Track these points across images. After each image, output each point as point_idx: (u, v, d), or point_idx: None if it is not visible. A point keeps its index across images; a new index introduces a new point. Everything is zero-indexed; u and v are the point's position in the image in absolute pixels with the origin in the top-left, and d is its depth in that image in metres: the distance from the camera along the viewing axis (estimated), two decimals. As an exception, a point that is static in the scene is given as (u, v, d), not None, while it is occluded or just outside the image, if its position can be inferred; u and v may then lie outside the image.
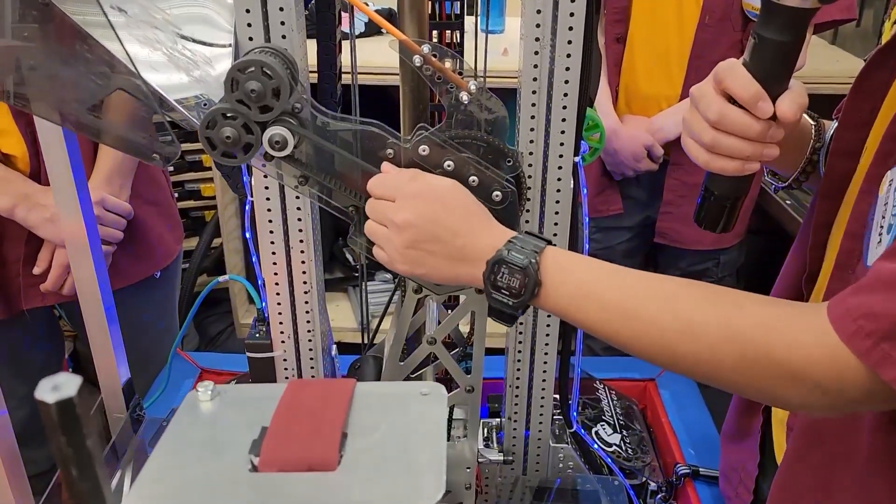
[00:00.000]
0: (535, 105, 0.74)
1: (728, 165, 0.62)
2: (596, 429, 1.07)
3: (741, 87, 0.59)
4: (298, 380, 0.64)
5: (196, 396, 0.45)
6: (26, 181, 1.11)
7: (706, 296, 0.55)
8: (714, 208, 0.68)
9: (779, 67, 0.59)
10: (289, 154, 0.63)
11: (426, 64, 0.65)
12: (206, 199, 2.28)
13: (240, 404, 0.44)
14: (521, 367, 0.88)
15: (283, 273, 0.81)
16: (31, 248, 1.16)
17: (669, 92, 1.53)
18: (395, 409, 0.44)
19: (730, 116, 0.60)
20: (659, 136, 1.52)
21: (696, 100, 0.63)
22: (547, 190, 0.78)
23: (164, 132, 0.62)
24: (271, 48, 0.64)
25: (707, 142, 0.61)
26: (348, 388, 0.45)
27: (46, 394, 0.25)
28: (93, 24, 0.66)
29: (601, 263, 0.60)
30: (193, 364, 1.22)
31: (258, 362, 0.85)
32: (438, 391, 0.46)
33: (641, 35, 1.51)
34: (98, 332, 0.84)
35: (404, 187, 0.62)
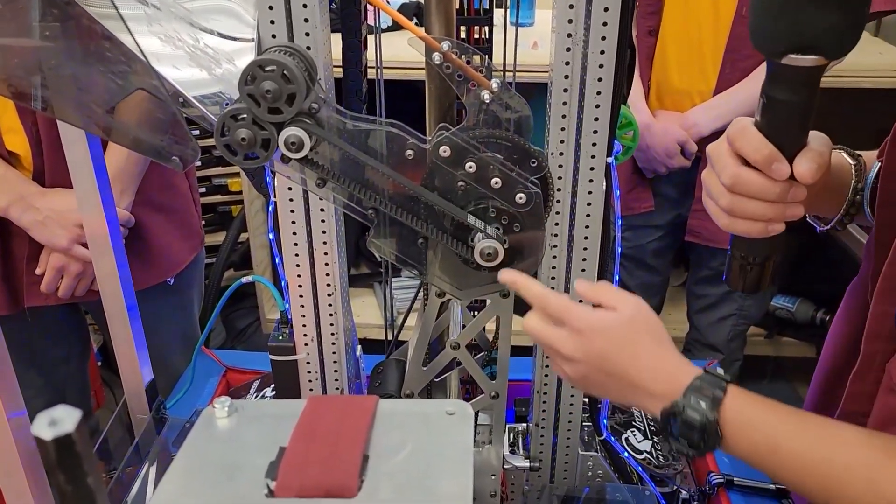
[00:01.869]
0: (566, 104, 0.71)
1: (751, 229, 0.59)
2: (626, 435, 1.04)
3: (753, 150, 0.56)
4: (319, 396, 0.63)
5: (213, 413, 0.43)
6: (25, 182, 1.11)
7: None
8: (741, 270, 0.64)
9: (793, 128, 0.55)
10: (305, 156, 0.61)
11: (446, 61, 0.62)
12: (233, 194, 2.29)
13: (257, 421, 0.42)
14: (550, 372, 0.86)
15: (307, 275, 0.79)
16: (35, 247, 1.16)
17: (703, 87, 1.49)
18: (419, 429, 0.41)
19: (745, 179, 0.57)
20: (693, 131, 1.48)
21: (712, 160, 0.60)
22: (578, 192, 0.75)
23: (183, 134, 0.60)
24: (291, 48, 0.62)
25: (725, 206, 0.59)
26: (370, 405, 0.43)
27: (43, 429, 0.23)
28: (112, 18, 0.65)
29: (787, 412, 0.57)
30: (218, 362, 1.22)
31: (281, 365, 0.84)
32: (465, 410, 0.44)
33: (675, 28, 1.47)
34: (121, 333, 0.83)
35: (570, 318, 0.60)
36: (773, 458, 0.55)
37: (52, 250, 1.14)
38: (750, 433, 0.56)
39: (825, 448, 0.54)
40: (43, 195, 1.10)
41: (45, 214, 1.09)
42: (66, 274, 1.16)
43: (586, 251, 0.78)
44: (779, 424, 0.56)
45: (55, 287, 1.17)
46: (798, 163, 0.56)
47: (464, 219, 0.64)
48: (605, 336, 0.59)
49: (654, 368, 0.59)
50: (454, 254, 0.67)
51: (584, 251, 0.78)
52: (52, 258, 1.15)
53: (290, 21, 0.68)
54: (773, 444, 0.55)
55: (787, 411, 0.57)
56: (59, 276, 1.16)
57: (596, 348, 0.59)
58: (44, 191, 1.11)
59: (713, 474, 0.99)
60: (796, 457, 0.54)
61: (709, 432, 0.55)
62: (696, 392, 0.56)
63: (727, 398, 0.56)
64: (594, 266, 0.79)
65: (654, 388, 0.58)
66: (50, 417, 0.23)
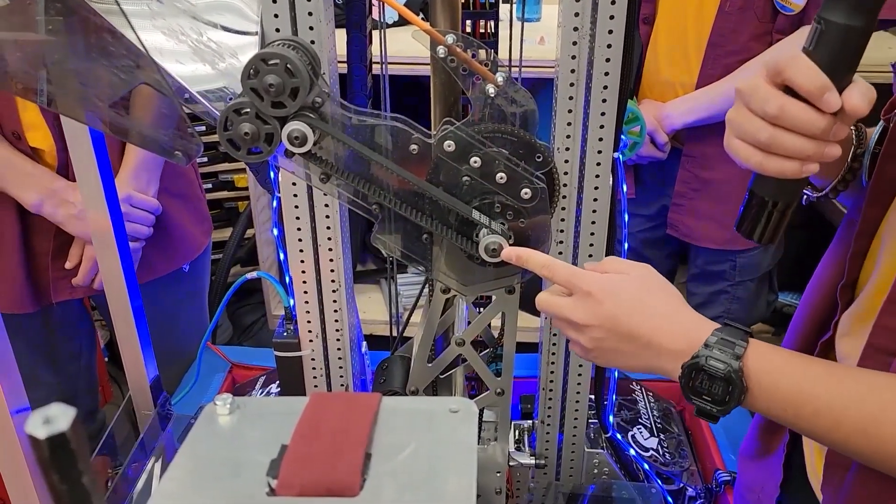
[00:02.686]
0: (572, 98, 0.70)
1: (786, 167, 0.56)
2: (632, 432, 1.03)
3: (806, 78, 0.53)
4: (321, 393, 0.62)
5: (214, 410, 0.43)
6: (54, 177, 1.11)
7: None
8: (761, 215, 0.61)
9: (848, 56, 0.53)
10: (309, 150, 0.60)
11: (451, 55, 0.62)
12: (239, 190, 2.28)
13: (259, 419, 0.42)
14: (556, 368, 0.85)
15: (311, 271, 0.79)
16: (59, 242, 1.16)
17: (686, 79, 1.46)
18: (422, 427, 0.41)
19: (791, 110, 0.54)
20: (665, 123, 1.46)
21: (746, 95, 0.57)
22: (584, 187, 0.74)
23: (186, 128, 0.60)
24: (295, 41, 0.62)
25: (764, 140, 0.55)
26: (373, 403, 0.43)
27: (37, 428, 0.23)
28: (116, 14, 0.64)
29: (812, 360, 0.56)
30: (224, 358, 1.22)
31: (286, 361, 0.84)
32: (468, 408, 0.43)
33: (666, 18, 1.45)
34: (125, 329, 0.83)
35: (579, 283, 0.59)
36: (801, 406, 0.54)
37: (87, 242, 1.15)
38: (776, 380, 0.54)
39: (856, 390, 0.53)
40: (74, 189, 1.10)
41: (79, 208, 1.09)
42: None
43: (592, 247, 0.77)
44: (805, 370, 0.54)
45: (91, 278, 1.18)
46: (850, 94, 0.53)
47: (469, 214, 0.63)
48: (615, 297, 0.58)
49: (670, 326, 0.57)
50: (459, 249, 0.66)
51: (590, 247, 0.77)
52: (88, 250, 1.15)
53: (293, 14, 0.68)
54: (801, 391, 0.53)
55: (812, 359, 0.56)
56: (95, 267, 1.16)
57: (607, 310, 0.58)
58: (73, 184, 1.11)
59: (720, 472, 0.99)
60: (826, 402, 0.53)
61: (734, 383, 0.53)
62: (718, 345, 0.55)
63: (749, 348, 0.55)
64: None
65: (672, 346, 0.57)
66: (44, 416, 0.23)
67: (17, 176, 1.09)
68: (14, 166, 1.09)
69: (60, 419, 0.22)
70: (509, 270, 0.69)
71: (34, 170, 1.10)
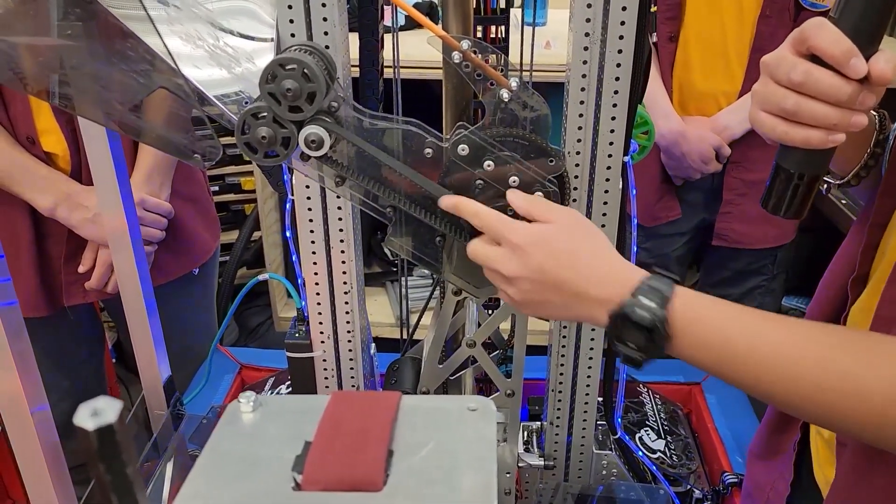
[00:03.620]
0: (583, 102, 0.71)
1: (812, 135, 0.56)
2: (640, 434, 1.04)
3: (831, 44, 0.53)
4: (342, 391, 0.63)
5: (238, 407, 0.44)
6: (68, 181, 1.12)
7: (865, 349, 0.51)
8: (787, 189, 0.61)
9: (874, 22, 0.53)
10: (325, 154, 0.61)
11: (465, 60, 0.63)
12: (246, 193, 2.30)
13: (282, 416, 0.43)
14: (565, 370, 0.86)
15: (324, 273, 0.80)
16: (72, 246, 1.17)
17: (729, 88, 1.47)
18: (442, 425, 0.42)
19: (817, 76, 0.54)
20: (725, 134, 1.46)
21: (771, 66, 0.57)
22: (594, 191, 0.75)
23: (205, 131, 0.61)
24: (311, 46, 0.63)
25: (790, 107, 0.55)
26: (393, 401, 0.43)
27: (86, 420, 0.24)
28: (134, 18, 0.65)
29: (735, 308, 0.55)
30: (233, 359, 1.23)
31: (298, 362, 0.85)
32: (487, 407, 0.44)
33: (697, 31, 1.45)
34: (140, 329, 0.84)
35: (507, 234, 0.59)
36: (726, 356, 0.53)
37: (101, 246, 1.16)
38: (699, 329, 0.54)
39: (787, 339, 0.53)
40: (88, 193, 1.12)
41: (93, 212, 1.10)
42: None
43: (602, 250, 0.78)
44: (732, 319, 0.54)
45: (105, 282, 1.18)
46: (876, 60, 0.53)
47: (482, 217, 0.64)
48: (543, 248, 0.58)
49: (597, 274, 0.57)
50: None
51: (600, 250, 0.78)
52: (102, 254, 1.16)
53: (308, 20, 0.69)
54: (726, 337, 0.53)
55: (741, 308, 0.55)
56: (109, 271, 1.18)
57: (535, 262, 0.58)
58: (88, 189, 1.12)
59: (727, 474, 0.99)
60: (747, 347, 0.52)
61: (657, 331, 0.53)
62: (644, 293, 0.55)
63: (676, 295, 0.55)
64: (610, 265, 0.79)
65: (600, 293, 0.56)
66: (92, 408, 0.23)
67: (31, 180, 1.10)
68: (28, 170, 1.10)
69: (108, 411, 0.23)
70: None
71: (48, 174, 1.11)
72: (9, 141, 1.10)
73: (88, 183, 1.14)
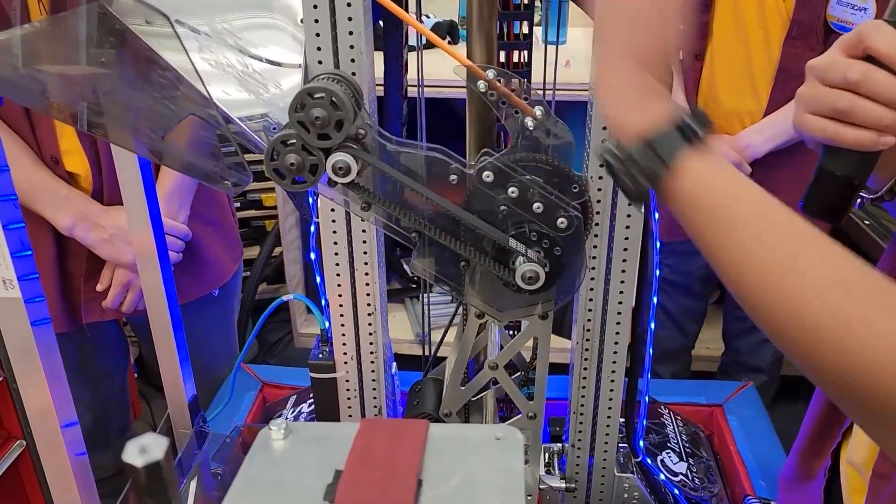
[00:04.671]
0: (606, 128, 0.71)
1: (864, 136, 0.55)
2: (661, 456, 1.03)
3: (890, 44, 0.53)
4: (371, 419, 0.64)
5: (269, 434, 0.44)
6: (88, 201, 1.14)
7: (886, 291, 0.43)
8: (831, 192, 0.60)
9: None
10: (352, 180, 0.62)
11: (491, 89, 0.63)
12: (267, 209, 2.32)
13: (313, 444, 0.44)
14: (587, 392, 0.86)
15: (348, 294, 0.81)
16: (92, 264, 1.19)
17: (753, 107, 1.47)
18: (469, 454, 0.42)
19: (874, 75, 0.54)
20: (746, 153, 1.46)
21: (821, 69, 0.57)
22: (617, 215, 0.75)
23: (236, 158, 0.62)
24: (339, 75, 0.64)
25: (844, 107, 0.55)
26: (422, 430, 0.44)
27: (135, 457, 0.24)
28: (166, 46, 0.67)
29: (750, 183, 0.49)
30: (255, 377, 1.24)
31: (321, 382, 0.85)
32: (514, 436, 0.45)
33: (723, 50, 1.46)
34: (166, 349, 0.86)
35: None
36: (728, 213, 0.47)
37: (117, 266, 1.18)
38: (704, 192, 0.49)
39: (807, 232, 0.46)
40: (106, 213, 1.14)
41: (110, 232, 1.12)
42: (131, 289, 1.20)
43: (624, 273, 0.78)
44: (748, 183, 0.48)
45: (119, 302, 1.20)
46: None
47: (506, 243, 0.65)
48: None
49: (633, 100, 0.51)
50: (493, 276, 0.68)
51: (622, 273, 0.78)
52: (118, 274, 1.19)
53: (336, 47, 0.70)
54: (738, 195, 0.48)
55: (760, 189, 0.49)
56: (124, 291, 1.20)
57: None
58: (106, 209, 1.15)
59: (749, 497, 0.99)
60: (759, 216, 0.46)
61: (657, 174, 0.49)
62: (678, 128, 0.49)
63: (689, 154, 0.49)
64: (632, 290, 0.79)
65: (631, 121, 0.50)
66: (140, 445, 0.24)
67: (52, 199, 1.13)
68: (50, 190, 1.13)
69: (155, 448, 0.24)
70: (543, 297, 0.70)
71: (69, 193, 1.13)
72: (34, 160, 1.13)
73: (109, 203, 1.16)
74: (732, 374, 1.80)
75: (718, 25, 1.45)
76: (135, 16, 0.68)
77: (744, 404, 1.20)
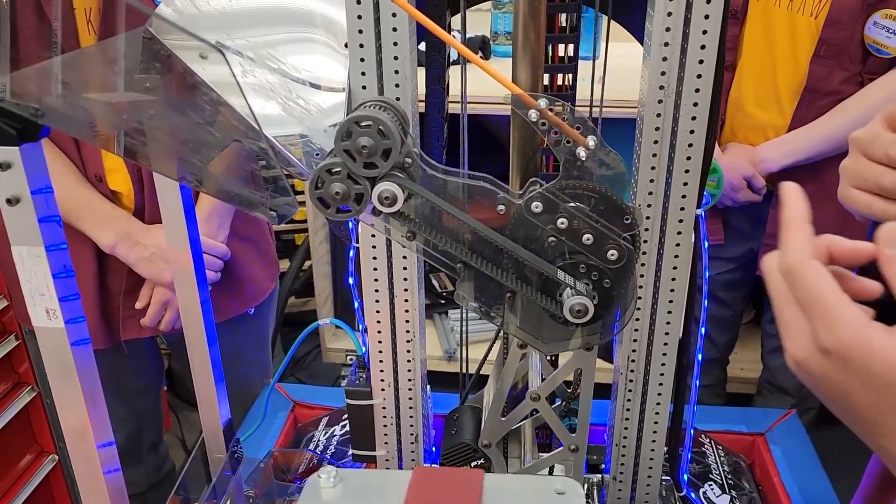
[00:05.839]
0: (656, 155, 0.70)
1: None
2: (703, 489, 1.00)
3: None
4: (424, 467, 0.63)
5: (318, 482, 0.43)
6: (130, 219, 1.15)
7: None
8: None
9: None
10: (398, 210, 0.61)
11: (542, 118, 0.62)
12: (297, 223, 2.32)
13: (363, 493, 0.42)
14: (630, 424, 0.83)
15: (386, 321, 0.79)
16: (132, 282, 1.20)
17: (779, 122, 1.47)
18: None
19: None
20: (762, 167, 1.47)
21: (864, 143, 0.56)
22: (665, 243, 0.73)
23: (282, 187, 0.61)
24: (385, 102, 0.63)
25: (889, 185, 0.54)
26: (478, 480, 0.42)
27: None
28: (213, 74, 0.66)
29: None
30: (287, 396, 1.23)
31: (358, 409, 0.84)
32: (575, 490, 0.43)
33: (752, 63, 1.46)
34: (202, 370, 0.85)
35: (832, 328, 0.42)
36: None
37: (157, 285, 1.18)
38: None
39: None
40: (147, 232, 1.14)
41: (150, 251, 1.13)
42: (169, 307, 1.20)
43: (672, 304, 0.76)
44: None
45: (158, 320, 1.21)
46: None
47: (554, 275, 0.63)
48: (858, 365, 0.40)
49: None
50: (538, 307, 0.66)
51: (669, 304, 0.76)
52: (157, 292, 1.19)
53: (380, 72, 0.69)
54: None
55: None
56: (162, 309, 1.20)
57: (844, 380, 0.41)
58: (147, 227, 1.15)
59: (797, 534, 0.95)
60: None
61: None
62: None
63: None
64: (679, 320, 0.77)
65: None
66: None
67: (95, 217, 1.13)
68: (93, 208, 1.13)
69: None
70: (589, 329, 0.68)
71: (112, 212, 1.14)
72: (78, 178, 1.13)
73: (151, 221, 1.16)
74: (767, 397, 1.76)
75: (748, 38, 1.45)
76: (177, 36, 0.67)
77: (787, 433, 1.16)
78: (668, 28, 0.64)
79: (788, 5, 1.40)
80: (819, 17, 1.36)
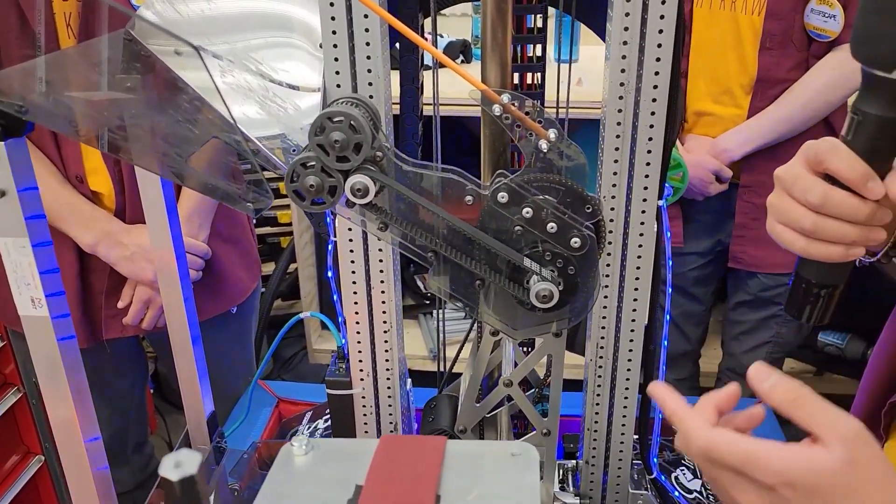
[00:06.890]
0: (618, 149, 0.73)
1: (832, 251, 0.57)
2: (675, 473, 1.04)
3: (848, 168, 0.54)
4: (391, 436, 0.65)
5: (291, 451, 0.46)
6: (111, 219, 1.17)
7: None
8: (808, 298, 0.61)
9: (886, 145, 0.54)
10: (370, 202, 0.64)
11: (506, 113, 0.65)
12: (282, 226, 2.35)
13: (334, 459, 0.45)
14: (600, 409, 0.87)
15: (364, 312, 0.82)
16: (113, 281, 1.21)
17: (738, 116, 1.53)
18: (486, 470, 0.43)
19: (835, 199, 0.55)
20: (724, 157, 1.53)
21: (787, 183, 0.58)
22: (629, 234, 0.76)
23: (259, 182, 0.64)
24: (357, 99, 0.66)
25: (808, 227, 0.56)
26: (440, 446, 0.45)
27: (170, 471, 0.26)
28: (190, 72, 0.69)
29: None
30: (271, 393, 1.25)
31: (338, 398, 0.87)
32: (529, 453, 0.46)
33: (704, 66, 1.54)
34: (185, 365, 0.87)
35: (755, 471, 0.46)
36: None
37: (138, 284, 1.20)
38: None
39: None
40: (128, 232, 1.16)
41: (131, 250, 1.15)
42: (151, 306, 1.22)
43: (637, 291, 0.79)
44: None
45: (140, 319, 1.22)
46: (892, 181, 0.53)
47: (521, 262, 0.66)
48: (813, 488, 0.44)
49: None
50: (508, 294, 0.69)
51: (634, 291, 0.79)
52: (139, 291, 1.21)
53: (354, 71, 0.72)
54: None
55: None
56: (144, 308, 1.22)
57: None
58: (128, 227, 1.17)
59: (765, 516, 0.98)
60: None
61: None
62: None
63: None
64: (644, 307, 0.80)
65: None
66: (175, 460, 0.26)
67: (76, 218, 1.15)
68: (74, 208, 1.15)
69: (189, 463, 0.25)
70: (557, 315, 0.71)
71: (93, 212, 1.16)
72: (59, 179, 1.15)
73: (131, 222, 1.18)
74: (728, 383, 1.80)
75: (696, 43, 1.52)
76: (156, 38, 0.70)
77: (758, 421, 1.20)
78: (627, 28, 0.68)
79: (731, 6, 1.47)
80: (761, 13, 1.44)
